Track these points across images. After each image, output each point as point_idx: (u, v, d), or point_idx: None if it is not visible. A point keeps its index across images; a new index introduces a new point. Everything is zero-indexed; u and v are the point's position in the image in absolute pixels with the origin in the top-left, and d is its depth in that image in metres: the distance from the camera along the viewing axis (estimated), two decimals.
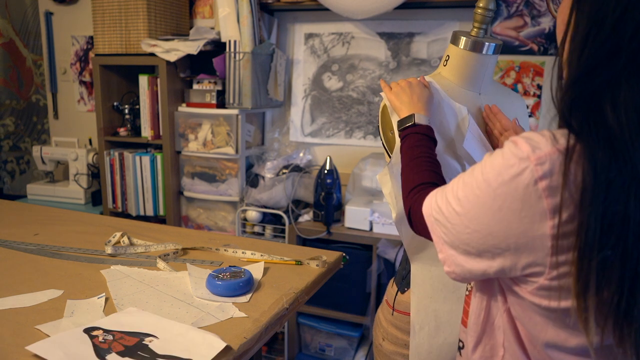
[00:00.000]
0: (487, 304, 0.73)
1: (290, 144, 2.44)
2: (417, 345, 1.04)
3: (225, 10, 2.12)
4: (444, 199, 0.69)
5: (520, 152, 0.58)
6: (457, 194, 0.66)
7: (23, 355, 0.83)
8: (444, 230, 0.68)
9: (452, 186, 0.68)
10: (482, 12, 1.00)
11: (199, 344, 0.86)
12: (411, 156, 0.89)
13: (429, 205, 0.73)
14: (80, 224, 1.62)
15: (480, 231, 0.63)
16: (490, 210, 0.61)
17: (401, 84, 1.01)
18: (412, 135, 0.92)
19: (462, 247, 0.66)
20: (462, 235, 0.65)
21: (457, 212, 0.66)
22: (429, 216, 0.72)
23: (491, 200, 0.61)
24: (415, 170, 0.86)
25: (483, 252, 0.64)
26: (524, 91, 2.10)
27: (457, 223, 0.66)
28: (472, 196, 0.63)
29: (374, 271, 2.01)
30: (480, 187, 0.62)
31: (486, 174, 0.62)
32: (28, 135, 3.08)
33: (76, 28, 2.78)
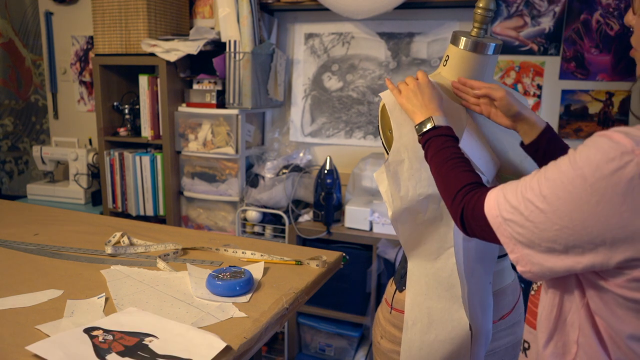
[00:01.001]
0: (559, 301, 0.72)
1: (290, 144, 2.44)
2: (409, 341, 1.05)
3: (225, 10, 2.12)
4: (518, 197, 0.68)
5: (621, 146, 0.58)
6: (541, 191, 0.65)
7: (23, 355, 0.83)
8: (519, 230, 0.67)
9: (530, 183, 0.67)
10: (482, 12, 1.00)
11: (199, 344, 0.86)
12: (442, 159, 0.87)
13: (493, 205, 0.72)
14: (80, 224, 1.61)
15: (573, 227, 0.62)
16: (586, 206, 0.60)
17: (410, 86, 0.99)
18: (436, 138, 0.91)
19: (545, 245, 0.65)
20: (548, 233, 0.64)
21: (541, 210, 0.64)
22: (495, 217, 0.71)
23: (588, 196, 0.60)
24: (454, 172, 0.84)
25: (572, 248, 0.63)
26: (524, 91, 2.10)
27: (541, 221, 0.64)
28: (563, 192, 0.62)
29: (374, 271, 2.01)
30: (574, 183, 0.61)
31: (580, 169, 0.61)
32: (27, 136, 3.08)
33: (76, 28, 2.78)
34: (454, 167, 0.85)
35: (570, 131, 2.07)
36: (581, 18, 1.99)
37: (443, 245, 1.01)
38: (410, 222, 1.02)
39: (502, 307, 1.09)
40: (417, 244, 1.04)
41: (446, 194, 0.84)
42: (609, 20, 1.96)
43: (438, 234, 1.01)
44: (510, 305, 1.11)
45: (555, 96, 2.08)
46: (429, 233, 1.02)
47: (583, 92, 2.04)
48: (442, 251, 1.02)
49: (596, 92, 2.02)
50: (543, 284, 0.78)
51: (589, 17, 1.98)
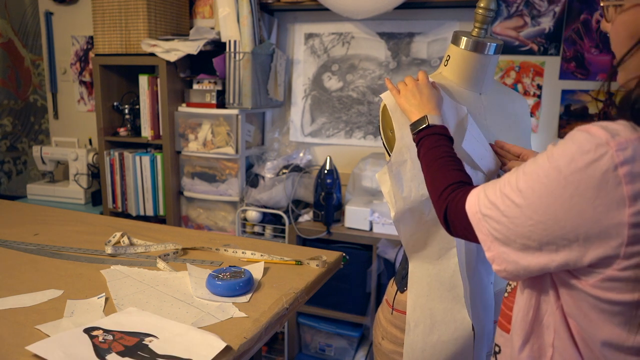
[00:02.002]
0: (536, 302, 0.71)
1: (290, 144, 2.44)
2: (412, 343, 1.04)
3: (225, 10, 2.12)
4: (496, 193, 0.68)
5: (597, 138, 0.58)
6: (518, 185, 0.64)
7: (23, 355, 0.83)
8: (495, 226, 0.67)
9: (508, 179, 0.67)
10: (483, 12, 1.00)
11: (199, 344, 0.86)
12: (433, 157, 0.88)
13: (474, 202, 0.71)
14: (80, 224, 1.61)
15: (546, 222, 0.61)
16: (560, 199, 0.60)
17: (409, 86, 0.99)
18: (429, 136, 0.91)
19: (519, 241, 0.64)
20: (523, 228, 0.63)
21: (517, 205, 0.64)
22: (474, 214, 0.71)
23: (561, 189, 0.59)
24: (442, 170, 0.85)
25: (546, 244, 0.62)
26: (524, 91, 2.10)
27: (516, 216, 0.64)
28: (538, 185, 0.62)
29: (374, 271, 2.01)
30: (549, 176, 0.61)
31: (555, 162, 0.61)
32: (25, 136, 3.07)
33: (76, 28, 2.78)
34: (444, 165, 0.85)
35: (570, 131, 2.07)
36: (581, 18, 1.99)
37: (445, 246, 1.01)
38: (412, 222, 1.02)
39: None
40: (419, 244, 1.04)
41: (433, 192, 0.84)
42: None
43: (440, 235, 1.01)
44: None
45: (555, 96, 2.08)
46: (431, 234, 1.02)
47: (583, 92, 2.04)
48: (444, 252, 1.02)
49: (596, 92, 2.02)
50: (518, 285, 0.77)
51: (589, 17, 1.98)
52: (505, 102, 1.12)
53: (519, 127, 1.13)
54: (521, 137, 1.13)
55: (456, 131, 0.99)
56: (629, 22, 0.67)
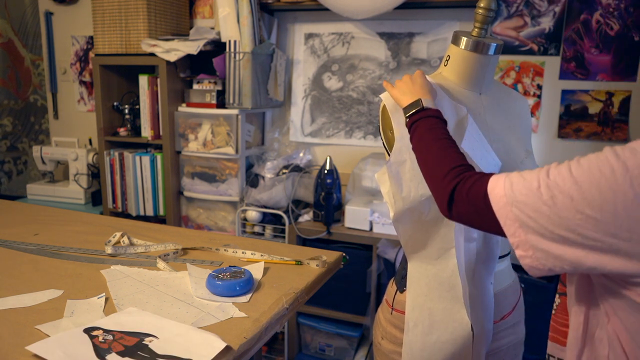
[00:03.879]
0: (585, 317, 0.70)
1: (290, 144, 2.44)
2: (410, 342, 1.04)
3: (225, 10, 2.12)
4: (539, 180, 0.64)
5: None
6: (572, 175, 0.61)
7: (23, 355, 0.83)
8: (530, 213, 0.64)
9: (556, 169, 0.64)
10: (483, 12, 1.00)
11: (199, 344, 0.86)
12: (432, 138, 0.84)
13: (502, 186, 0.68)
14: (80, 224, 1.61)
15: (601, 219, 0.58)
16: (622, 197, 0.57)
17: (403, 79, 0.98)
18: (425, 119, 0.88)
19: (558, 232, 0.62)
20: (568, 221, 0.61)
21: (568, 195, 0.61)
22: (501, 197, 0.67)
23: (627, 187, 0.57)
24: (444, 152, 0.81)
25: (592, 240, 0.60)
26: (524, 91, 2.10)
27: (563, 207, 0.61)
28: (600, 179, 0.59)
29: (374, 271, 2.01)
30: (615, 172, 0.58)
31: (624, 160, 0.58)
32: (25, 136, 3.08)
33: (76, 28, 2.78)
34: (446, 147, 0.82)
35: (570, 131, 2.07)
36: (581, 18, 1.99)
37: (444, 246, 1.01)
38: (411, 222, 1.02)
39: (503, 307, 1.09)
40: (418, 244, 1.04)
41: (435, 172, 0.80)
42: (609, 20, 1.96)
43: (439, 235, 1.01)
44: (510, 305, 1.10)
45: (555, 96, 2.08)
46: (430, 234, 1.02)
47: (583, 92, 2.04)
48: (443, 252, 1.02)
49: (596, 92, 2.02)
50: (567, 302, 0.74)
51: (589, 17, 1.98)
52: (505, 102, 1.12)
53: (519, 127, 1.13)
54: (521, 137, 1.13)
55: (456, 131, 0.98)
56: None
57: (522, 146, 1.11)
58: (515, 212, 0.66)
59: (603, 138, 2.04)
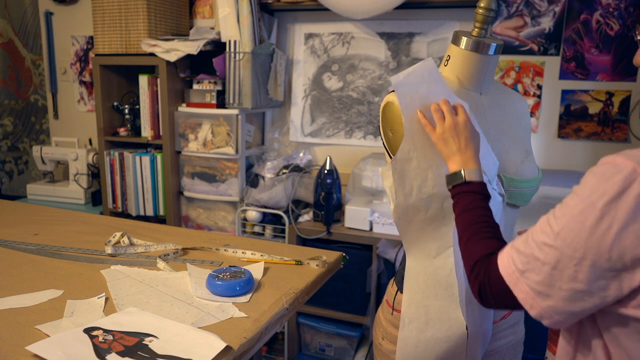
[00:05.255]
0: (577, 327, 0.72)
1: (290, 144, 2.44)
2: (405, 338, 1.05)
3: (225, 10, 2.12)
4: (530, 244, 0.67)
5: (622, 168, 0.60)
6: (552, 229, 0.65)
7: (23, 355, 0.83)
8: (536, 279, 0.66)
9: (539, 227, 0.67)
10: (483, 12, 1.00)
11: (199, 344, 0.86)
12: (468, 222, 0.84)
13: (507, 263, 0.70)
14: (80, 224, 1.61)
15: (591, 258, 0.62)
16: (599, 231, 0.61)
17: (447, 125, 0.91)
18: (465, 194, 0.87)
19: (565, 287, 0.64)
20: (567, 271, 0.63)
21: (556, 248, 0.64)
22: (511, 274, 0.69)
23: (599, 221, 0.61)
24: (474, 239, 0.81)
25: (595, 282, 0.62)
26: (524, 91, 2.10)
27: (557, 260, 0.64)
28: (575, 224, 0.63)
29: (374, 271, 2.01)
30: (584, 212, 0.62)
31: (587, 198, 0.62)
32: (26, 136, 3.08)
33: (76, 28, 2.78)
34: (476, 233, 0.81)
35: (570, 131, 2.07)
36: (581, 18, 1.99)
37: (443, 244, 1.01)
38: (412, 218, 1.02)
39: None
40: (417, 241, 1.04)
41: (466, 263, 0.81)
42: (609, 20, 1.96)
43: (439, 233, 1.01)
44: None
45: (555, 96, 2.08)
46: (429, 231, 1.02)
47: (583, 92, 2.04)
48: (442, 250, 1.02)
49: (596, 92, 2.02)
50: None
51: (589, 17, 1.98)
52: (505, 102, 1.12)
53: (519, 127, 1.13)
54: (521, 137, 1.13)
55: None
56: None
57: (522, 146, 1.11)
58: (526, 284, 0.68)
59: (603, 138, 2.04)
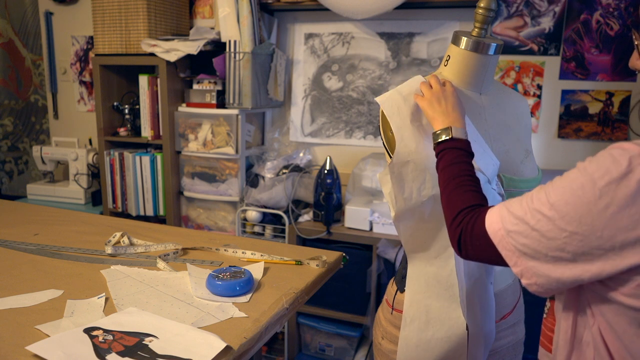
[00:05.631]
0: (573, 321, 0.72)
1: (290, 144, 2.44)
2: (406, 338, 1.05)
3: (225, 10, 2.12)
4: (523, 208, 0.68)
5: (629, 152, 0.61)
6: (548, 199, 0.65)
7: (23, 355, 0.83)
8: (523, 241, 0.67)
9: (536, 195, 0.68)
10: (483, 12, 1.00)
11: (199, 344, 0.86)
12: (451, 175, 0.85)
13: (496, 220, 0.71)
14: (80, 224, 1.61)
15: (582, 233, 0.62)
16: (595, 209, 0.61)
17: (434, 90, 0.96)
18: (450, 150, 0.88)
19: (551, 254, 0.65)
20: (556, 241, 0.64)
21: (549, 217, 0.65)
22: (497, 231, 0.71)
23: (597, 199, 0.61)
24: (458, 191, 0.82)
25: (581, 255, 0.63)
26: (524, 91, 2.10)
27: (548, 229, 0.65)
28: (572, 197, 0.63)
29: (374, 271, 2.01)
30: (584, 187, 0.62)
31: (589, 174, 0.62)
32: (26, 136, 3.08)
33: (76, 28, 2.78)
34: (460, 185, 0.83)
35: (570, 131, 2.07)
36: (581, 18, 1.99)
37: (443, 245, 1.02)
38: (412, 222, 1.02)
39: (503, 307, 1.09)
40: (418, 243, 1.04)
41: (447, 212, 0.82)
42: (609, 20, 1.96)
43: (439, 235, 1.01)
44: (510, 305, 1.11)
45: (555, 96, 2.08)
46: (430, 233, 1.02)
47: (583, 92, 2.04)
48: (443, 251, 1.02)
49: (596, 92, 2.02)
50: (555, 305, 0.77)
51: (589, 17, 1.98)
52: (505, 102, 1.12)
53: (519, 127, 1.13)
54: (521, 137, 1.13)
55: None
56: None
57: (522, 146, 1.11)
58: (511, 242, 0.69)
59: (603, 138, 2.04)
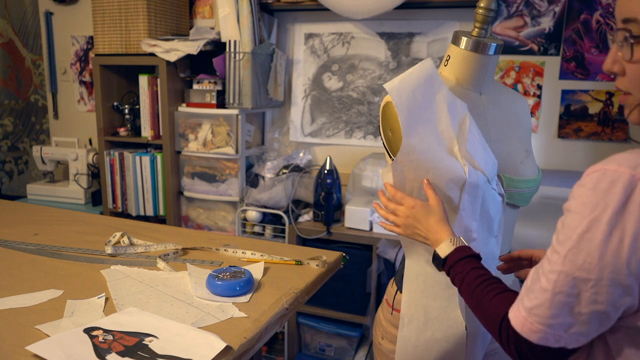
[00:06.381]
0: None
1: (290, 144, 2.44)
2: (404, 338, 1.05)
3: (225, 10, 2.12)
4: (536, 278, 0.62)
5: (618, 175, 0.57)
6: (560, 254, 0.60)
7: (23, 355, 0.83)
8: (548, 312, 0.60)
9: (542, 264, 0.62)
10: (483, 12, 1.00)
11: (199, 344, 0.86)
12: (470, 288, 0.78)
13: (521, 314, 0.64)
14: (80, 224, 1.61)
15: (608, 277, 0.57)
16: (611, 246, 0.56)
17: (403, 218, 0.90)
18: (454, 266, 0.82)
19: (586, 311, 0.59)
20: (584, 295, 0.58)
21: (567, 273, 0.59)
22: (530, 325, 0.62)
23: (609, 236, 0.56)
24: (485, 300, 0.73)
25: (619, 299, 0.58)
26: (524, 91, 2.10)
27: (571, 285, 0.58)
28: (582, 243, 0.58)
29: (374, 271, 2.01)
30: (590, 229, 0.57)
31: (589, 214, 0.57)
32: (26, 136, 3.08)
33: (76, 28, 2.78)
34: (484, 293, 0.75)
35: (570, 131, 2.07)
36: (581, 18, 1.99)
37: None
38: None
39: None
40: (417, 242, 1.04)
41: (488, 327, 0.73)
42: (609, 20, 1.96)
43: None
44: None
45: (555, 96, 2.08)
46: None
47: (583, 92, 2.04)
48: None
49: (596, 92, 2.02)
50: None
51: (589, 17, 1.98)
52: (505, 102, 1.12)
53: (519, 127, 1.13)
54: (521, 137, 1.13)
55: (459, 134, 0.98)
56: None
57: (522, 146, 1.11)
58: (539, 321, 0.62)
59: (603, 138, 2.04)
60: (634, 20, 0.61)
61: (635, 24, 0.61)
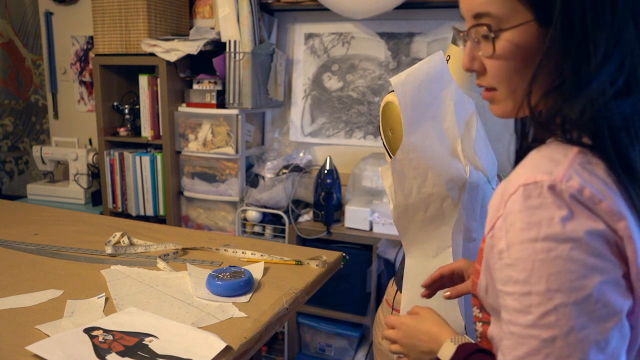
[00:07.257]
0: None
1: (290, 144, 2.44)
2: None
3: (225, 10, 2.12)
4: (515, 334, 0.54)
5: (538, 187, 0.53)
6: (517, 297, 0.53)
7: (23, 355, 0.83)
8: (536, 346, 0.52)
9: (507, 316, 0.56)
10: None
11: (199, 344, 0.86)
12: None
13: None
14: (80, 224, 1.61)
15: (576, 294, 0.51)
16: (568, 263, 0.51)
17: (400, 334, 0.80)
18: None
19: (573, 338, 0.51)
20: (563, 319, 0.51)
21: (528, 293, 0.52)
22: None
23: (566, 253, 0.51)
24: None
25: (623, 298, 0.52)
26: None
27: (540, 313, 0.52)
28: (541, 270, 0.52)
29: (374, 271, 2.01)
30: (541, 254, 0.51)
31: (535, 236, 0.52)
32: (27, 136, 3.07)
33: (76, 28, 2.78)
34: None
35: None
36: None
37: (442, 245, 1.02)
38: (411, 218, 1.02)
39: None
40: (417, 241, 1.04)
41: None
42: None
43: (438, 233, 1.01)
44: None
45: None
46: (429, 231, 1.02)
47: None
48: (441, 250, 1.02)
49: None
50: (490, 331, 0.70)
51: None
52: None
53: None
54: None
55: (465, 133, 0.98)
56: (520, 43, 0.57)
57: None
58: None
59: None
60: (486, 15, 0.58)
61: (489, 18, 0.58)
